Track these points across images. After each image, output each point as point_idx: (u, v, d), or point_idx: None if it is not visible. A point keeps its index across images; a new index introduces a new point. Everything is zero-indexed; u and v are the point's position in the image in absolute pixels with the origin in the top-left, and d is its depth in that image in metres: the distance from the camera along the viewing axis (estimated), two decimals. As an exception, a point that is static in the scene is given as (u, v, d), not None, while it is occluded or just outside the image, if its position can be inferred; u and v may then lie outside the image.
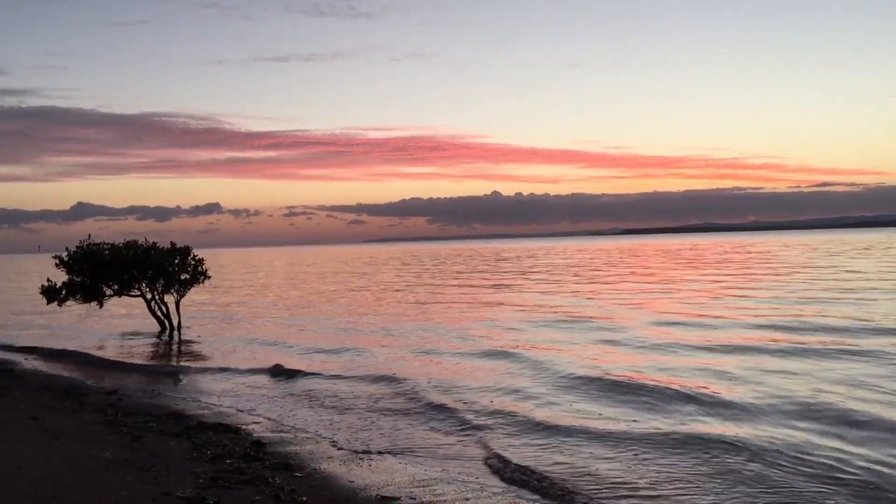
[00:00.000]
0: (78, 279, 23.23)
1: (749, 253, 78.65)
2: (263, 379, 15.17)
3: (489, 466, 8.87)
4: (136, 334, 23.60)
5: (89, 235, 23.61)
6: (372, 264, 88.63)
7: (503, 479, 8.37)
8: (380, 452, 9.50)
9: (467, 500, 7.63)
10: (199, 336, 22.54)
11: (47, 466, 7.85)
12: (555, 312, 25.30)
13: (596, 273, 50.80)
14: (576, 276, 48.27)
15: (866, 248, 77.28)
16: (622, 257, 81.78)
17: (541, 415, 11.13)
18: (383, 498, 7.59)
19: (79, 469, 7.79)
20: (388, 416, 11.60)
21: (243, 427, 10.82)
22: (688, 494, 7.67)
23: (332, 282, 51.99)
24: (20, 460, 8.06)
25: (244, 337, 21.99)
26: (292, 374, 15.33)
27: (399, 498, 7.62)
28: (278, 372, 15.69)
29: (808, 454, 8.69)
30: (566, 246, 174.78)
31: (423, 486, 8.03)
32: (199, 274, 24.21)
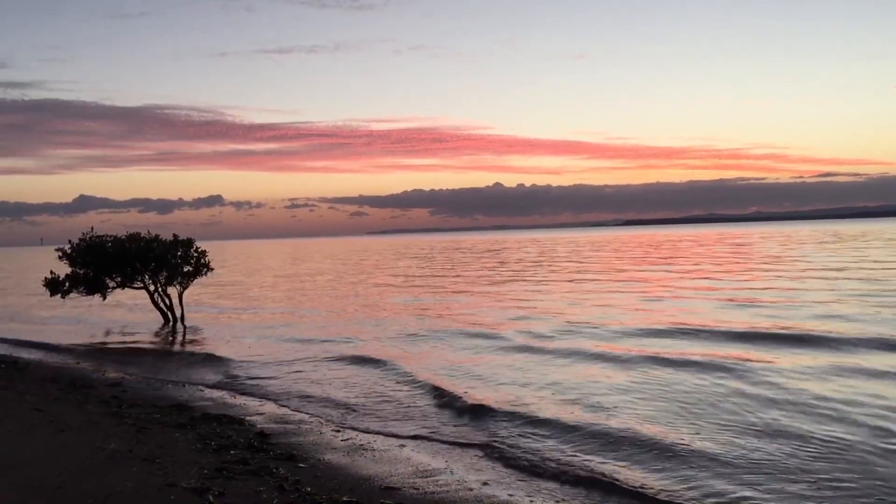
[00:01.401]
0: (81, 272, 23.30)
1: (725, 245, 76.84)
2: (267, 370, 15.21)
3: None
4: (139, 326, 23.66)
5: (92, 228, 23.68)
6: (365, 258, 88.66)
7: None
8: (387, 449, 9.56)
9: (471, 490, 7.69)
10: (202, 328, 22.61)
11: (52, 458, 7.90)
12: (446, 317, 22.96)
13: (542, 269, 47.06)
14: (513, 275, 42.98)
15: (849, 240, 76.63)
16: (593, 250, 78.85)
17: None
18: (387, 488, 7.64)
19: (84, 460, 7.83)
20: (391, 406, 11.68)
21: (247, 418, 10.88)
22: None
23: (326, 276, 52.04)
24: (26, 452, 8.11)
25: (247, 328, 22.05)
26: (297, 367, 15.38)
27: (402, 488, 7.67)
28: (283, 363, 15.75)
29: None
30: (558, 237, 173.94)
31: (426, 477, 8.09)
32: (201, 266, 24.27)
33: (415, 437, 9.91)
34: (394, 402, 12.01)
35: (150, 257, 23.26)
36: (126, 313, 27.82)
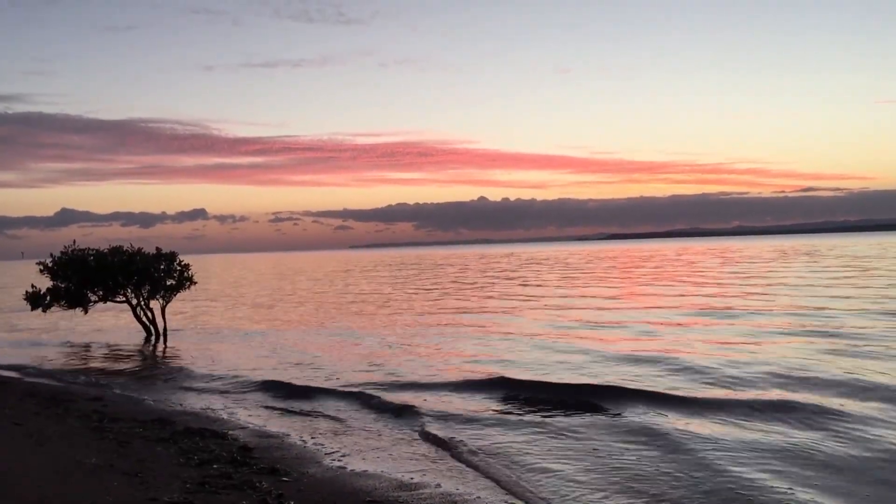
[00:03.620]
0: (63, 285, 23.10)
1: (667, 262, 75.19)
2: (250, 385, 15.14)
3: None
4: (121, 340, 23.47)
5: (74, 241, 23.52)
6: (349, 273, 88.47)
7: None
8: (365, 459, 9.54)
9: (455, 503, 7.68)
10: (184, 341, 22.46)
11: (32, 472, 7.82)
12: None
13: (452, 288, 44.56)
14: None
15: (805, 254, 76.74)
16: (536, 267, 77.32)
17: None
18: (371, 502, 7.62)
19: (64, 474, 7.76)
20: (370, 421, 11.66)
21: (230, 432, 10.81)
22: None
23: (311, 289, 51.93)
24: (5, 466, 8.02)
25: (230, 342, 21.93)
26: (280, 383, 15.32)
27: (385, 502, 7.65)
28: (265, 378, 15.68)
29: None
30: (527, 252, 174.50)
31: (410, 491, 8.07)
32: (184, 279, 24.14)
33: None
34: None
35: (133, 270, 23.10)
36: (108, 327, 27.59)
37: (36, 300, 23.09)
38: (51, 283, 23.33)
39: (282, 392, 14.25)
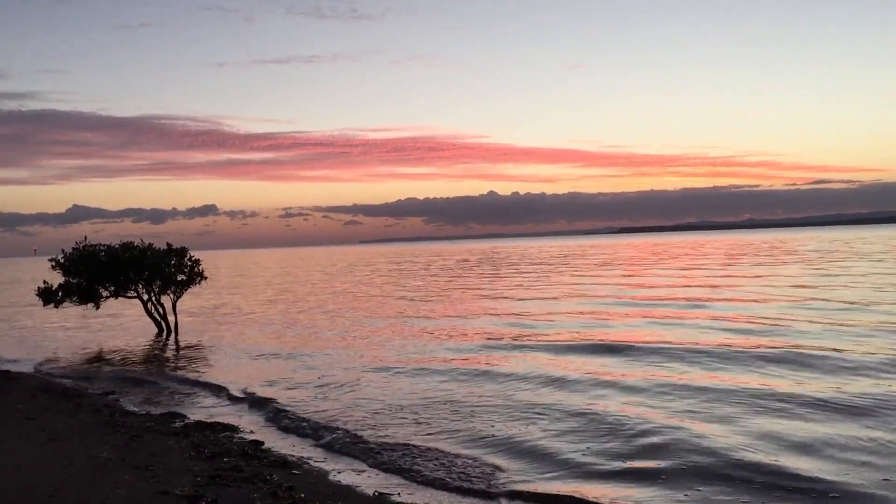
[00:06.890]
0: (74, 281, 23.20)
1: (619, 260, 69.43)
2: (260, 379, 15.16)
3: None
4: (132, 335, 23.59)
5: (86, 237, 23.58)
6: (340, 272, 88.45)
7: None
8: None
9: (463, 498, 7.68)
10: (195, 336, 22.53)
11: (45, 466, 7.87)
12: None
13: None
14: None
15: (790, 251, 74.07)
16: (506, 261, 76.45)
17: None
18: (380, 494, 7.63)
19: (76, 468, 7.81)
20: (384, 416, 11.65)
21: (241, 426, 10.86)
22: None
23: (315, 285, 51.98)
24: (18, 460, 8.07)
25: (240, 337, 21.99)
26: (286, 378, 15.36)
27: (394, 494, 7.66)
28: (274, 372, 15.72)
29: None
30: (530, 246, 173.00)
31: (420, 484, 8.08)
32: (195, 275, 24.21)
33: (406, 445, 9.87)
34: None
35: (144, 266, 23.19)
36: (120, 322, 27.71)
37: (48, 296, 23.19)
38: (63, 278, 23.44)
39: (286, 385, 14.30)
